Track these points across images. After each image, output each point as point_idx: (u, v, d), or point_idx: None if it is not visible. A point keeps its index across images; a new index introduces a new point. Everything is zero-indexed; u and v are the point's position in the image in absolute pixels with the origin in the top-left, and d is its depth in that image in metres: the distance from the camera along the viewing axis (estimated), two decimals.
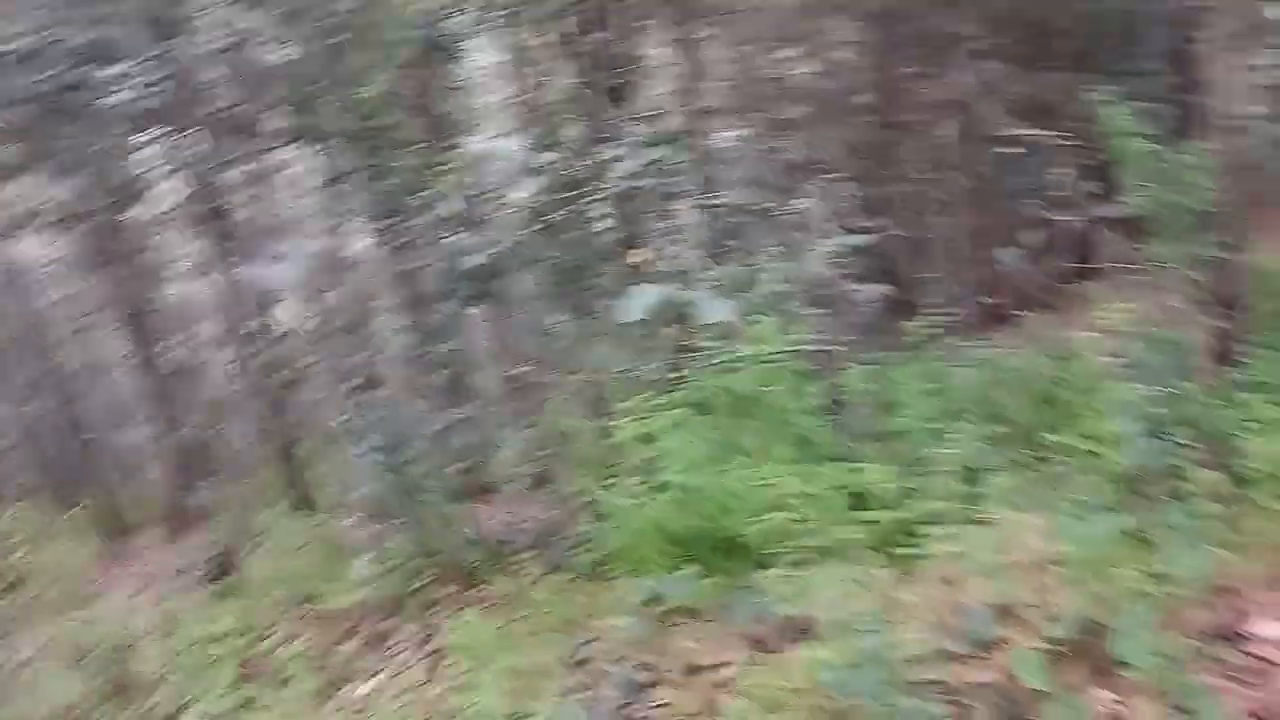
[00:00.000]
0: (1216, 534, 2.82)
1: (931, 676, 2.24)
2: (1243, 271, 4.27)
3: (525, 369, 5.35)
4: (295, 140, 7.69)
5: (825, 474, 3.61)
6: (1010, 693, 2.20)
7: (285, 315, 8.63)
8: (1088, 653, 2.28)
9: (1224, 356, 3.92)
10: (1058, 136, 6.52)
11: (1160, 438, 3.13)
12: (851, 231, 4.45)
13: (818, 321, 4.39)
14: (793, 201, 4.73)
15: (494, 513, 5.38)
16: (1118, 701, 2.26)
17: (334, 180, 7.15)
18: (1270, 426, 3.34)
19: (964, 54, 7.96)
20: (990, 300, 6.12)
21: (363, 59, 5.75)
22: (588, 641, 3.49)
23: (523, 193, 5.36)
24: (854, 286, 4.60)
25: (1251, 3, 7.16)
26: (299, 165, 8.46)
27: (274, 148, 8.34)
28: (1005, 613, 2.34)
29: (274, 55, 7.40)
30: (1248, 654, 2.48)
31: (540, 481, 5.06)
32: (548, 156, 5.30)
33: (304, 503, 7.65)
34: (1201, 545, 2.66)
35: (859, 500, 3.47)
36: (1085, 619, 2.26)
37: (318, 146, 6.98)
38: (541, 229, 5.09)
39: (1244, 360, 3.91)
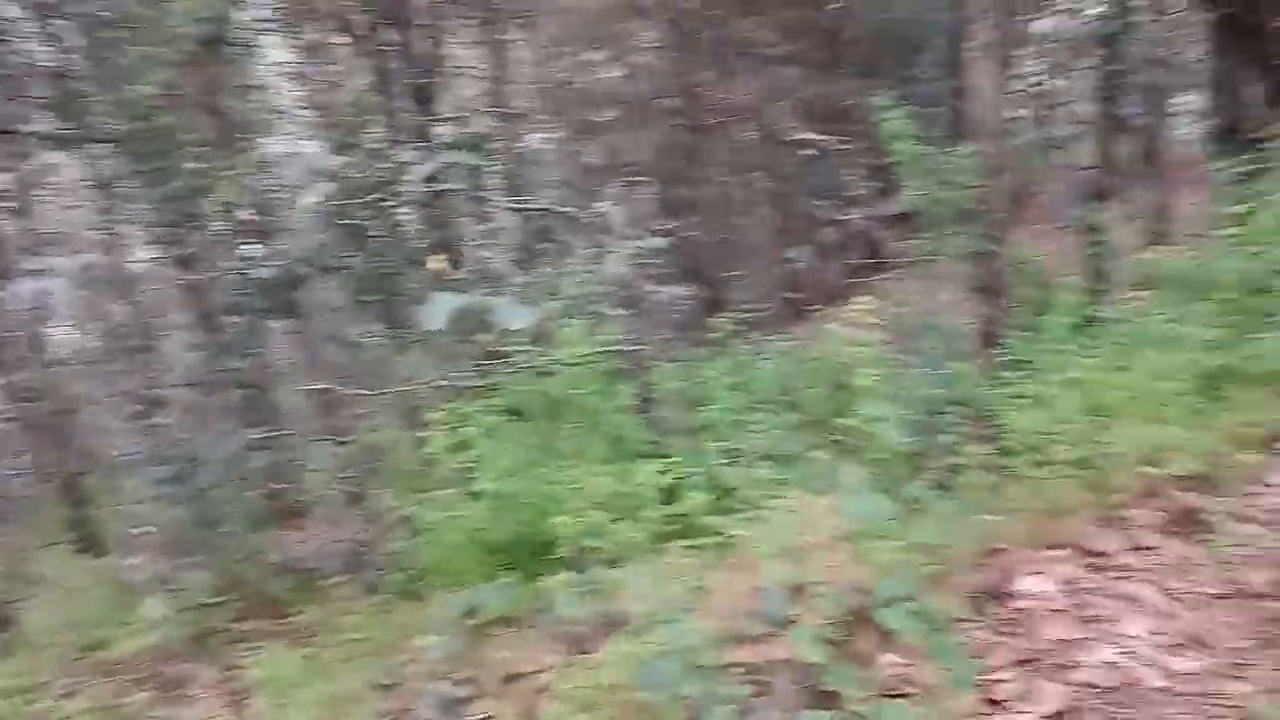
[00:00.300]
0: (985, 502, 3.09)
1: (733, 659, 2.32)
2: (1005, 263, 4.72)
3: (331, 383, 5.11)
4: (64, 144, 7.01)
5: (638, 471, 3.67)
6: (806, 667, 2.31)
7: (60, 336, 7.86)
8: (875, 621, 2.43)
9: (990, 340, 4.33)
10: (848, 139, 6.96)
11: (937, 416, 3.40)
12: (657, 233, 4.54)
13: (627, 322, 4.46)
14: (600, 204, 4.78)
15: (304, 537, 5.12)
16: (905, 664, 2.43)
17: (109, 187, 6.58)
18: (1029, 402, 3.69)
19: (761, 60, 8.34)
20: (790, 296, 6.45)
21: (139, 54, 5.32)
22: (402, 663, 3.37)
23: (321, 197, 5.12)
24: (661, 287, 4.70)
25: (1012, 16, 7.88)
26: (69, 171, 7.72)
27: (39, 152, 7.58)
28: (800, 591, 2.45)
29: (37, 50, 6.73)
30: (1014, 609, 2.74)
31: (352, 501, 4.85)
32: (347, 159, 5.09)
33: (88, 542, 6.98)
34: (972, 513, 2.90)
35: (670, 493, 3.55)
36: (870, 591, 2.41)
37: (90, 150, 6.41)
38: (343, 235, 4.88)
39: (1007, 343, 4.32)
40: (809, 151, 7.13)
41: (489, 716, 2.97)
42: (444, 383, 4.39)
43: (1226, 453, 3.26)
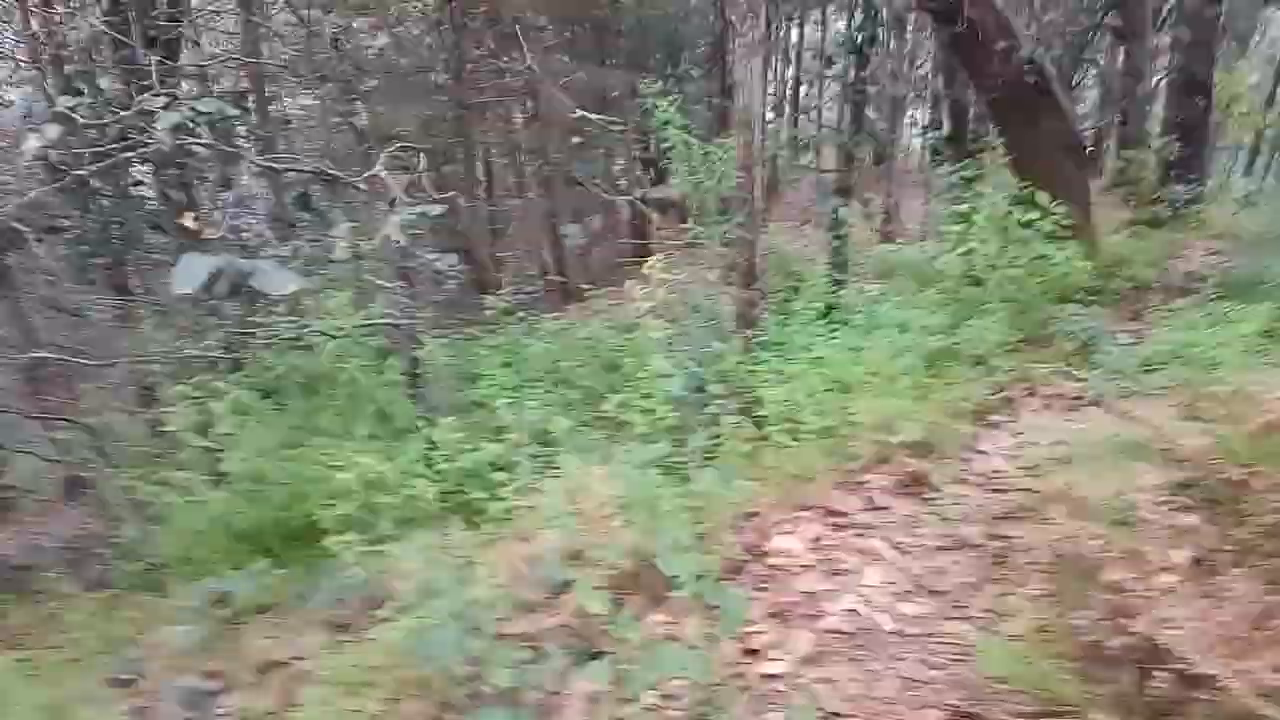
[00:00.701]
0: (744, 468, 3.30)
1: (510, 627, 2.32)
2: (760, 250, 5.04)
3: (50, 356, 4.52)
4: None
5: (405, 447, 3.56)
6: (581, 630, 2.36)
7: None
8: (645, 582, 2.52)
9: (748, 321, 4.62)
10: (620, 127, 7.11)
11: (700, 391, 3.58)
12: (427, 206, 4.41)
13: (396, 296, 4.30)
14: (368, 173, 4.56)
15: (13, 531, 4.50)
16: (674, 620, 2.54)
17: None
18: (780, 378, 3.99)
19: (535, 43, 8.31)
20: (562, 276, 6.51)
21: None
22: (140, 658, 3.06)
23: (42, 146, 4.49)
24: (433, 261, 4.57)
25: (771, 24, 8.34)
26: None
27: None
28: (575, 557, 2.49)
29: None
30: (769, 565, 2.95)
31: (74, 488, 4.33)
32: (73, 106, 4.50)
33: None
34: (733, 479, 3.09)
35: (440, 469, 3.47)
36: (641, 554, 2.50)
37: None
38: (68, 191, 4.32)
39: (762, 324, 4.63)
40: (582, 136, 7.21)
41: (240, 708, 2.77)
42: (189, 355, 4.01)
43: (945, 423, 3.70)
